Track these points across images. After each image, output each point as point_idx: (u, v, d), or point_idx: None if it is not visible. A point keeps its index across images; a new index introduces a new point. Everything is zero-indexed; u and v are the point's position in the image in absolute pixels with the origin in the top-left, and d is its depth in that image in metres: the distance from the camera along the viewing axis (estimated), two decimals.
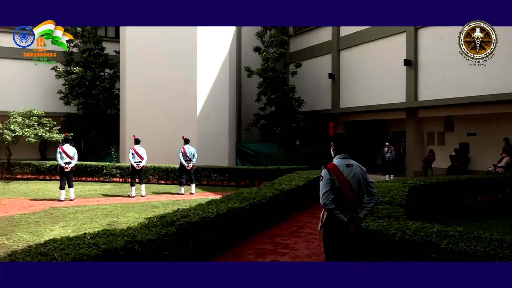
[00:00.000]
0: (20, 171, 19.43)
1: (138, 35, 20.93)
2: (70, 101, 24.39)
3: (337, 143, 4.68)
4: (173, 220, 5.95)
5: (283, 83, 20.89)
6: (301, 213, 10.66)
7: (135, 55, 21.17)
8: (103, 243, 4.57)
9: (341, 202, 4.41)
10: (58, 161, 12.75)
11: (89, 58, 24.00)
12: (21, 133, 18.41)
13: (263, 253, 7.06)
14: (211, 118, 20.67)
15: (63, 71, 24.35)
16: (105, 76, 24.88)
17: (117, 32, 25.73)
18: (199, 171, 16.67)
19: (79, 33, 24.97)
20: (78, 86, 23.63)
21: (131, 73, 21.32)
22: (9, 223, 9.39)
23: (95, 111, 23.82)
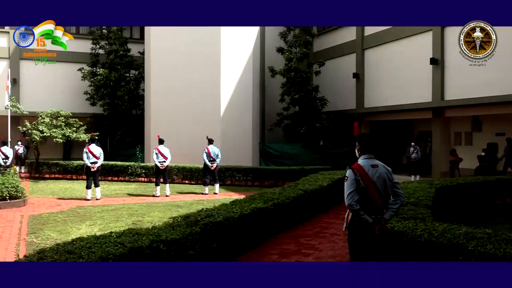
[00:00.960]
0: (48, 170, 19.81)
1: (162, 37, 21.14)
2: (96, 102, 24.78)
3: (362, 143, 4.63)
4: (197, 219, 5.97)
5: (306, 83, 20.79)
6: (325, 214, 10.58)
7: (160, 56, 21.38)
8: (128, 242, 4.62)
9: (366, 203, 4.36)
10: (84, 161, 12.95)
11: (114, 60, 24.35)
12: (49, 134, 18.77)
13: (287, 253, 7.03)
14: (234, 119, 20.72)
15: (89, 72, 24.76)
16: (130, 77, 25.20)
17: (142, 33, 26.06)
18: (223, 171, 16.72)
19: (105, 35, 25.34)
20: (103, 87, 23.98)
21: (155, 74, 21.55)
22: (37, 221, 9.59)
23: (120, 112, 24.14)
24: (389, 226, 5.14)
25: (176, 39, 20.72)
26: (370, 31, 19.94)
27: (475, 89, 15.36)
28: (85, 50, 25.55)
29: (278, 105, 21.90)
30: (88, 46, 25.43)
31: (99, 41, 25.29)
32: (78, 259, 4.00)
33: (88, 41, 25.63)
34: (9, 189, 11.51)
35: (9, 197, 11.45)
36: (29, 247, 7.26)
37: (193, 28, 19.50)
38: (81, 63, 25.37)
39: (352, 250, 4.50)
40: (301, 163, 18.95)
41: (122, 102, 23.96)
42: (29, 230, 8.71)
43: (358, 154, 4.66)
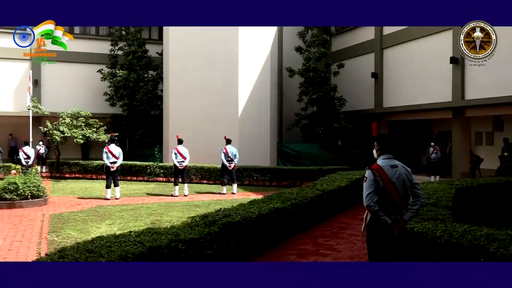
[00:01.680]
0: (68, 170, 20.09)
1: (181, 37, 21.28)
2: (116, 103, 25.06)
3: (381, 143, 4.60)
4: (216, 219, 5.99)
5: (324, 83, 20.71)
6: (343, 214, 10.53)
7: (178, 57, 21.52)
8: (147, 241, 4.66)
9: (385, 204, 4.33)
10: (104, 160, 13.10)
11: (133, 61, 24.59)
12: (69, 134, 19.03)
13: (305, 253, 7.02)
14: (252, 119, 20.74)
15: (108, 73, 25.05)
16: (149, 78, 25.41)
17: (160, 34, 26.25)
18: (240, 171, 16.75)
19: (124, 36, 25.61)
20: (122, 88, 24.25)
21: (174, 75, 21.70)
22: (58, 220, 9.73)
23: (139, 112, 24.36)
24: (409, 227, 5.09)
25: (194, 39, 20.82)
26: (389, 30, 19.77)
27: (497, 88, 15.10)
28: (105, 51, 25.86)
29: (296, 105, 21.86)
30: (107, 47, 25.73)
31: (118, 42, 25.56)
32: (98, 258, 4.06)
33: (107, 42, 25.94)
34: (31, 188, 11.71)
35: (31, 196, 11.65)
36: (51, 245, 7.37)
37: (211, 29, 19.58)
38: (100, 64, 25.69)
39: (371, 251, 4.47)
40: (319, 163, 18.89)
41: (141, 103, 24.17)
42: (50, 228, 8.85)
43: (377, 154, 4.63)
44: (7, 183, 11.58)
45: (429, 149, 17.73)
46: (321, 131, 20.15)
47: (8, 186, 11.49)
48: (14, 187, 11.47)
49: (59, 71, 25.66)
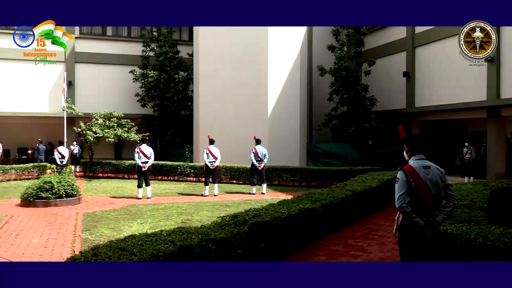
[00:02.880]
0: (101, 169, 20.49)
1: (210, 38, 21.44)
2: (147, 103, 25.45)
3: (411, 144, 4.54)
4: (245, 219, 6.01)
5: (355, 82, 20.50)
6: (375, 215, 10.40)
7: (208, 57, 21.68)
8: (178, 240, 4.71)
9: (417, 205, 4.25)
10: (136, 160, 13.30)
11: (164, 62, 24.90)
12: (102, 134, 19.41)
13: (335, 255, 6.96)
14: (282, 119, 20.71)
15: (140, 74, 25.44)
16: (179, 79, 25.69)
17: (190, 35, 26.50)
18: (270, 171, 16.76)
19: (155, 37, 25.97)
20: (154, 89, 24.60)
21: (204, 75, 21.87)
22: (91, 219, 9.93)
23: (170, 113, 24.65)
24: (442, 229, 4.98)
25: (224, 40, 20.95)
26: (421, 28, 19.42)
27: None
28: (136, 52, 26.29)
29: (326, 105, 21.70)
30: (139, 49, 26.15)
31: (150, 44, 25.94)
32: (131, 256, 4.12)
33: (139, 44, 26.36)
34: (65, 187, 11.98)
35: (66, 195, 11.92)
36: (84, 243, 7.53)
37: (240, 29, 19.67)
38: (132, 66, 26.13)
39: (403, 253, 4.41)
40: (350, 163, 18.73)
41: (172, 103, 24.46)
42: (84, 227, 9.04)
43: (408, 156, 4.57)
44: (43, 182, 11.88)
45: (463, 149, 17.35)
46: (351, 131, 19.95)
47: (44, 185, 11.78)
48: (49, 186, 11.77)
49: (92, 72, 26.29)
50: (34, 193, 11.66)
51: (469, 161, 17.00)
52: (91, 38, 26.67)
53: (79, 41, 26.28)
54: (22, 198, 11.87)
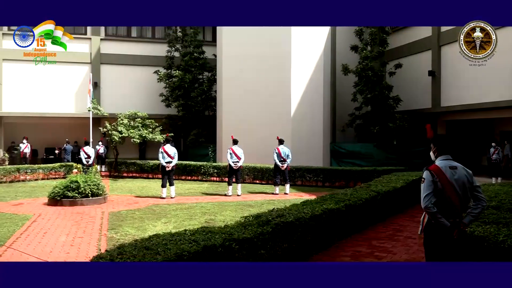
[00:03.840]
0: (126, 169, 20.74)
1: (234, 38, 21.51)
2: (171, 103, 25.67)
3: (438, 144, 4.47)
4: (269, 219, 6.00)
5: (380, 82, 20.30)
6: (399, 216, 10.28)
7: (231, 57, 21.76)
8: (202, 240, 4.73)
9: (444, 206, 4.18)
10: (160, 160, 13.41)
11: (189, 62, 25.08)
12: (127, 134, 19.65)
13: (359, 256, 6.90)
14: (305, 119, 20.65)
15: (164, 74, 25.67)
16: (203, 79, 25.85)
17: (214, 36, 26.64)
18: (293, 171, 16.71)
19: (180, 38, 26.18)
20: (178, 89, 24.81)
21: (227, 75, 21.96)
22: (116, 218, 10.06)
23: (193, 113, 24.82)
24: (468, 230, 4.89)
25: (247, 40, 20.99)
26: (447, 27, 19.11)
27: None
28: (160, 53, 26.56)
29: (349, 105, 21.56)
30: (163, 49, 26.40)
31: (175, 44, 26.16)
32: (155, 255, 4.16)
33: (163, 44, 26.62)
34: (91, 186, 12.17)
35: (91, 194, 12.10)
36: (110, 242, 7.63)
37: (264, 29, 19.67)
38: (156, 66, 26.40)
39: (428, 254, 4.34)
40: (374, 163, 18.56)
41: (196, 104, 24.62)
42: (109, 226, 9.16)
43: (435, 156, 4.50)
44: (69, 182, 12.08)
45: (490, 149, 17.02)
46: (375, 131, 19.76)
47: (70, 184, 11.99)
48: (75, 185, 11.97)
49: (117, 73, 26.67)
50: (61, 192, 11.87)
51: (496, 161, 16.68)
52: (116, 40, 27.06)
53: (104, 43, 26.69)
54: (50, 197, 12.10)
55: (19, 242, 7.74)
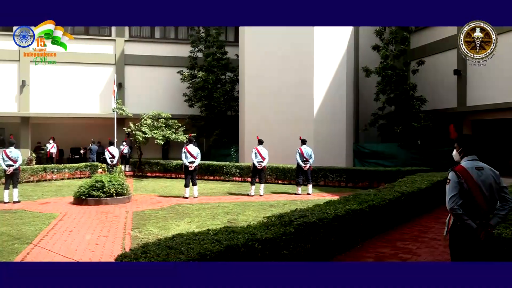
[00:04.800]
0: (149, 169, 20.97)
1: (256, 39, 21.54)
2: (194, 104, 25.82)
3: (463, 144, 4.39)
4: (291, 219, 5.99)
5: (403, 82, 20.05)
6: (424, 217, 10.14)
7: (254, 58, 21.79)
8: (225, 239, 4.75)
9: (470, 207, 4.11)
10: (183, 160, 13.51)
11: (212, 62, 25.19)
12: (151, 134, 19.85)
13: (383, 257, 6.83)
14: (328, 119, 20.53)
15: (188, 75, 25.85)
16: (226, 79, 25.94)
17: (236, 36, 26.72)
18: (316, 172, 16.64)
19: (203, 38, 26.33)
20: (201, 89, 24.94)
21: (249, 76, 21.99)
22: (140, 217, 10.17)
23: (216, 113, 24.92)
24: (495, 232, 4.80)
25: (269, 40, 20.99)
26: None
27: None
28: (183, 54, 26.75)
29: (372, 105, 21.35)
30: (186, 50, 26.58)
31: (198, 45, 26.32)
32: (179, 255, 4.19)
33: (186, 45, 26.81)
34: (116, 186, 12.33)
35: (116, 193, 12.27)
36: (134, 241, 7.72)
37: (286, 29, 19.64)
38: (179, 67, 26.60)
39: (454, 256, 4.27)
40: (398, 164, 18.35)
41: (218, 104, 24.72)
42: (133, 225, 9.27)
43: (460, 156, 4.42)
44: (94, 181, 12.27)
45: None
46: (399, 131, 19.52)
47: (95, 184, 12.17)
48: (100, 185, 12.14)
49: (141, 74, 26.98)
50: (86, 191, 12.07)
51: None
52: (140, 41, 27.37)
53: (128, 44, 27.02)
54: (75, 196, 12.31)
55: (46, 240, 7.90)
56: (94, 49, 26.58)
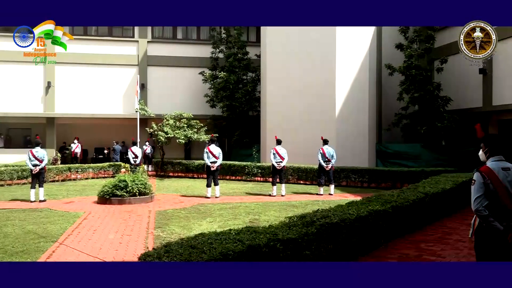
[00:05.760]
0: (171, 169, 21.13)
1: (278, 39, 21.50)
2: (215, 104, 25.91)
3: (490, 144, 4.30)
4: (313, 220, 5.96)
5: (427, 81, 19.77)
6: (448, 219, 9.97)
7: (275, 58, 21.76)
8: (247, 239, 4.75)
9: (496, 209, 4.02)
10: (205, 160, 13.58)
11: (233, 63, 25.25)
12: (173, 134, 20.01)
13: (407, 259, 6.74)
14: (350, 119, 20.38)
15: (209, 75, 25.97)
16: (248, 80, 25.98)
17: (258, 36, 26.74)
18: (338, 172, 16.53)
19: (224, 39, 26.43)
20: (222, 90, 25.03)
21: (271, 76, 21.98)
22: (163, 216, 10.26)
23: (238, 113, 24.98)
24: None
25: (291, 40, 20.94)
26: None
27: None
28: (205, 54, 26.89)
29: (396, 104, 21.12)
30: (208, 50, 26.72)
31: (219, 45, 26.43)
32: (201, 254, 4.21)
33: (208, 46, 26.94)
34: (139, 186, 12.46)
35: (139, 193, 12.40)
36: (156, 240, 7.79)
37: (308, 28, 19.56)
38: (201, 67, 26.75)
39: (480, 259, 4.19)
40: (421, 164, 18.11)
41: (240, 104, 24.77)
42: (156, 224, 9.35)
43: (485, 156, 4.33)
44: (118, 181, 12.42)
45: None
46: (423, 131, 19.24)
47: (119, 183, 12.32)
48: (124, 184, 12.29)
49: (163, 74, 27.25)
50: (109, 191, 12.23)
51: None
52: (162, 42, 27.62)
53: (151, 45, 27.29)
54: (99, 196, 12.49)
55: (71, 239, 8.03)
56: (117, 51, 26.93)
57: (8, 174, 16.79)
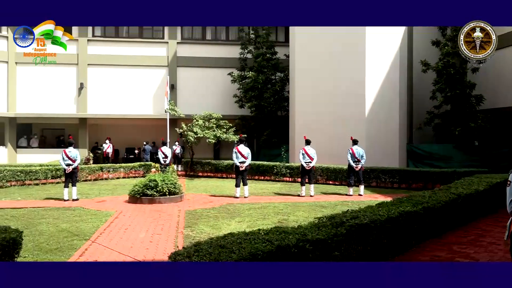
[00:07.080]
0: (201, 169, 21.30)
1: (307, 38, 21.41)
2: (244, 104, 26.00)
3: None
4: (343, 221, 5.92)
5: (461, 80, 19.30)
6: (482, 221, 9.74)
7: (304, 57, 21.67)
8: (276, 239, 4.75)
9: None
10: (233, 160, 13.64)
11: (262, 63, 25.28)
12: (202, 135, 20.16)
13: (439, 261, 6.61)
14: (380, 118, 20.11)
15: (238, 76, 26.07)
16: (276, 80, 25.96)
17: (286, 36, 26.70)
18: (367, 172, 16.36)
19: (253, 39, 26.50)
20: (251, 90, 25.08)
21: (300, 75, 21.89)
22: (192, 216, 10.34)
23: (266, 113, 24.98)
24: None
25: (320, 39, 20.81)
26: None
27: None
28: (234, 55, 27.01)
29: (427, 103, 20.71)
30: (236, 51, 26.83)
31: (248, 46, 26.50)
32: (230, 254, 4.23)
33: (236, 46, 27.05)
34: (169, 185, 12.60)
35: (169, 193, 12.53)
36: (186, 239, 7.86)
37: (337, 28, 19.40)
38: (230, 68, 26.88)
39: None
40: (453, 165, 17.73)
41: (268, 104, 24.77)
42: (186, 223, 9.43)
43: None
44: (148, 181, 12.59)
45: None
46: (457, 132, 18.75)
47: (149, 183, 12.48)
48: (154, 184, 12.44)
49: (193, 75, 27.49)
50: (140, 190, 12.40)
51: None
52: (192, 43, 27.85)
53: (180, 46, 27.56)
54: (130, 195, 12.68)
55: (103, 237, 8.17)
56: (147, 52, 27.31)
57: (43, 173, 17.25)
